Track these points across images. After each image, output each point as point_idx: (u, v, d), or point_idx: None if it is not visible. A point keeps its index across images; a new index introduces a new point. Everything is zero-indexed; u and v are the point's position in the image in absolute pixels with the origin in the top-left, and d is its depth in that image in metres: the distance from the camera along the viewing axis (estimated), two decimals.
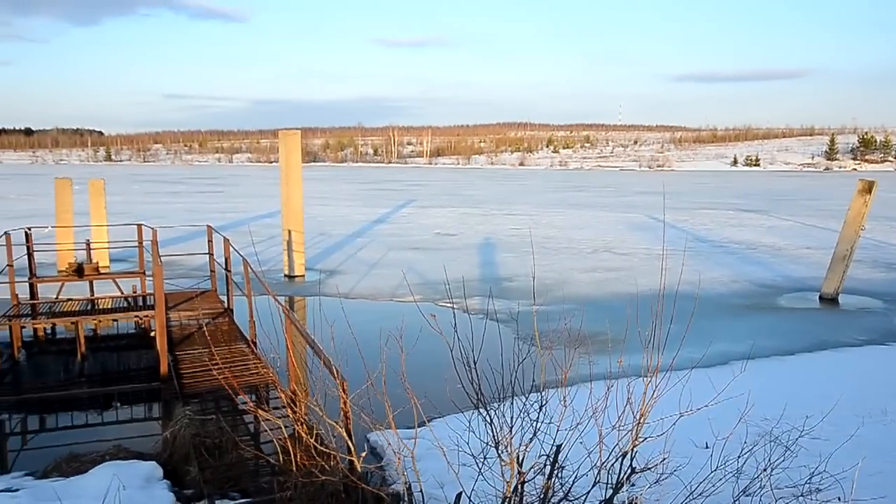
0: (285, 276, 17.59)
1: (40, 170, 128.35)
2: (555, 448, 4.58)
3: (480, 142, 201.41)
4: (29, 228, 13.12)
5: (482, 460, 4.52)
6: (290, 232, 17.61)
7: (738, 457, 4.69)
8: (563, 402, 4.60)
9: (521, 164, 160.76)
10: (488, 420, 4.45)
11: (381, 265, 19.57)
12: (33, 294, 12.57)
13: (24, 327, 11.31)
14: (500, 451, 4.45)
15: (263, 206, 40.01)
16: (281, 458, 5.30)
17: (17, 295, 11.75)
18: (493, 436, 4.45)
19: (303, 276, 17.73)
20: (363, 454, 4.93)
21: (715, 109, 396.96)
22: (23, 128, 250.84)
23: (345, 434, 4.82)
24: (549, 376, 4.72)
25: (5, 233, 11.75)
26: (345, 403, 4.89)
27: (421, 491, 4.77)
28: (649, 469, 4.58)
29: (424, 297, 14.64)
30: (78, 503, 5.52)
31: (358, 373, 5.11)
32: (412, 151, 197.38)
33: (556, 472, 4.58)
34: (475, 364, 4.44)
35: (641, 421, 4.58)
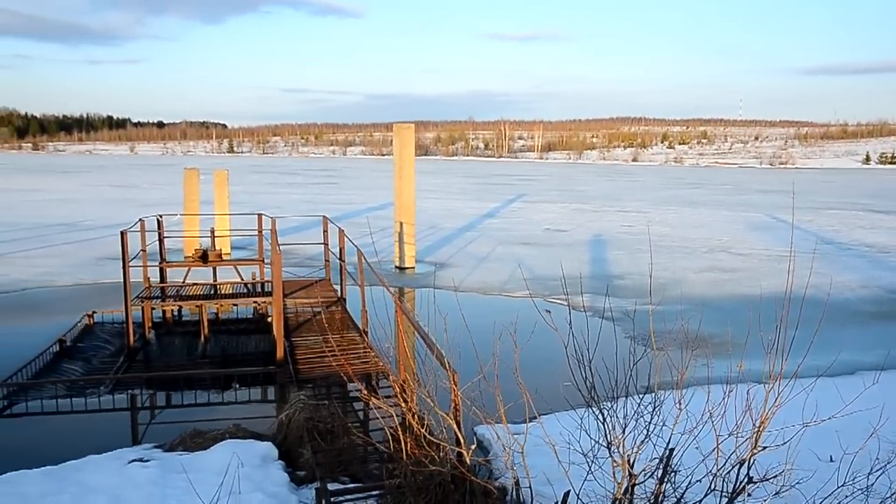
0: (396, 267, 17.89)
1: (170, 160, 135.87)
2: (668, 451, 4.46)
3: (592, 137, 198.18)
4: (160, 216, 13.90)
5: (592, 459, 4.45)
6: (401, 224, 17.89)
7: (868, 474, 4.42)
8: (677, 405, 4.47)
9: (635, 159, 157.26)
10: (601, 419, 4.38)
11: (490, 259, 19.61)
12: (163, 278, 13.32)
13: (154, 309, 12.01)
14: (611, 451, 4.38)
15: (375, 198, 40.85)
16: (391, 446, 5.40)
17: (148, 278, 12.48)
18: (605, 435, 4.38)
19: (413, 268, 17.98)
20: (472, 447, 4.96)
21: (845, 103, 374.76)
22: (155, 121, 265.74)
23: (455, 425, 4.85)
24: (664, 378, 4.60)
25: (140, 220, 12.49)
26: (455, 395, 4.93)
27: (529, 486, 4.75)
28: (768, 480, 4.38)
29: (533, 292, 14.56)
30: (201, 476, 5.81)
31: (467, 365, 5.14)
32: (523, 146, 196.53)
33: (668, 476, 4.46)
34: (590, 362, 4.37)
35: (761, 429, 4.38)
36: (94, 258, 18.79)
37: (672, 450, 4.44)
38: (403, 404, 5.41)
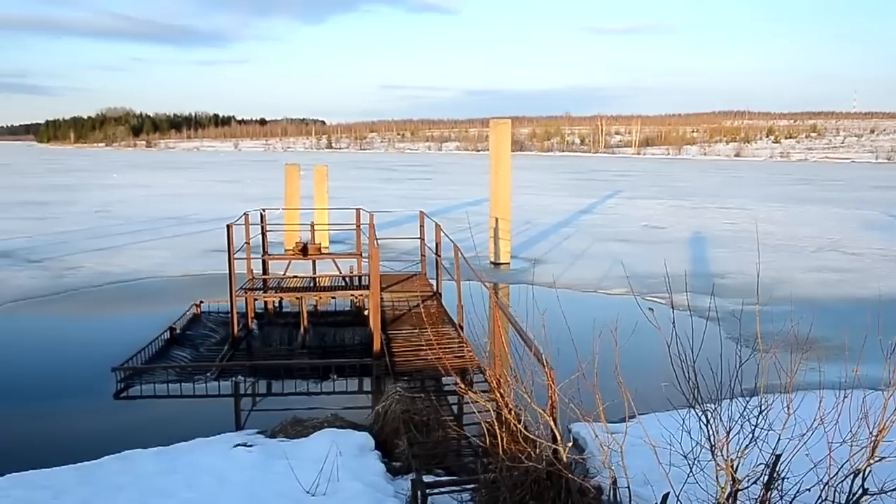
0: (491, 262, 17.89)
1: (271, 156, 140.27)
2: (775, 457, 4.28)
3: (693, 131, 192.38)
4: (263, 210, 14.38)
5: (693, 461, 4.33)
6: (497, 220, 17.88)
7: None
8: (786, 410, 4.28)
9: (737, 154, 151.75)
10: (704, 421, 4.25)
11: (586, 256, 19.35)
12: (265, 270, 13.77)
13: (256, 300, 12.43)
14: (714, 455, 4.24)
15: (470, 193, 40.95)
16: (486, 441, 5.40)
17: (252, 270, 12.93)
18: (709, 437, 4.24)
19: (508, 263, 17.95)
20: (569, 444, 4.91)
21: None
22: (258, 118, 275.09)
23: (551, 422, 4.82)
24: (771, 381, 4.42)
25: (244, 214, 12.95)
26: (552, 391, 4.89)
27: (628, 486, 4.66)
28: (886, 493, 4.15)
29: (630, 290, 14.28)
30: (301, 463, 5.98)
31: (562, 362, 5.09)
32: (620, 141, 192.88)
33: (775, 483, 4.28)
34: (694, 362, 4.24)
35: (879, 438, 4.15)
36: (202, 250, 19.61)
37: (779, 456, 4.26)
38: (500, 399, 5.41)
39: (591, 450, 5.87)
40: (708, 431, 4.26)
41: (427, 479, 5.67)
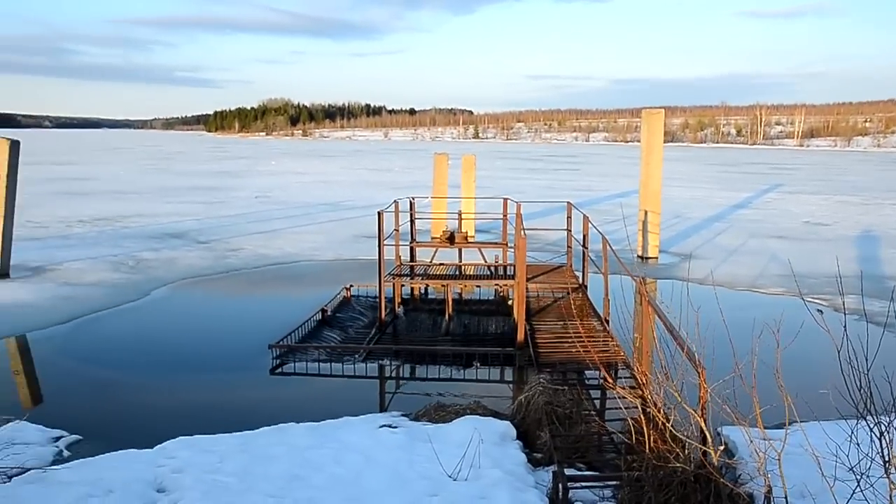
0: (638, 256, 17.42)
1: (419, 145, 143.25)
2: None
3: (865, 121, 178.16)
4: (412, 198, 14.69)
5: (861, 476, 4.01)
6: (646, 212, 17.37)
7: None
8: None
9: None
10: (877, 433, 3.93)
11: (740, 252, 18.43)
12: (412, 257, 14.09)
13: (404, 286, 12.74)
14: (888, 471, 3.91)
15: (618, 185, 40.05)
16: (632, 438, 5.27)
17: (399, 257, 13.26)
18: (881, 452, 3.92)
19: (656, 258, 17.41)
20: (720, 447, 4.69)
21: None
22: (407, 108, 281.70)
23: (702, 422, 4.62)
24: None
25: (394, 201, 13.29)
26: (703, 391, 4.69)
27: (785, 497, 4.39)
28: None
29: (790, 290, 13.48)
30: (445, 447, 6.08)
31: (713, 361, 4.87)
32: (780, 132, 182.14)
33: None
34: (868, 370, 3.92)
35: None
36: (352, 236, 20.34)
37: None
38: (649, 396, 5.25)
39: (743, 455, 5.58)
40: (881, 445, 3.93)
41: (568, 472, 5.61)
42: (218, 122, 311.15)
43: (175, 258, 16.74)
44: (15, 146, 14.05)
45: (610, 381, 5.83)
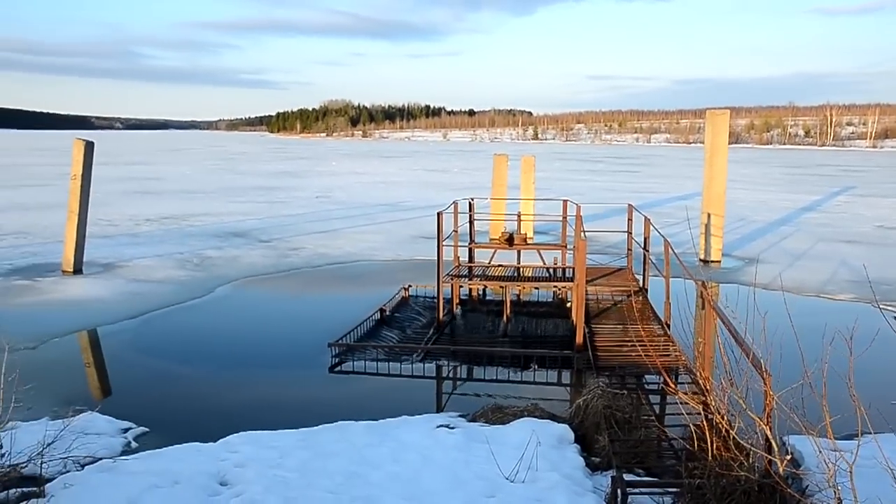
0: (700, 260, 17.08)
1: (478, 146, 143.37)
2: None
3: None
4: (472, 199, 14.71)
5: None
6: (709, 215, 17.03)
7: None
8: None
9: None
10: None
11: (807, 257, 17.90)
12: (471, 258, 14.10)
13: (462, 286, 12.75)
14: None
15: (680, 187, 39.35)
16: (694, 445, 5.17)
17: (458, 257, 13.29)
18: None
19: (719, 261, 17.05)
20: (787, 457, 4.57)
21: None
22: (466, 109, 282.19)
23: (767, 430, 4.50)
24: None
25: (454, 202, 13.33)
26: (769, 399, 4.57)
27: None
28: None
29: (860, 296, 13.05)
30: (501, 449, 6.07)
31: (779, 368, 4.74)
32: (852, 133, 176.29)
33: None
34: None
35: None
36: (410, 236, 20.47)
37: None
38: (712, 402, 5.14)
39: (810, 465, 5.42)
40: None
41: (627, 477, 5.54)
42: (280, 122, 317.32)
43: (238, 256, 17.12)
44: (90, 147, 14.57)
45: (672, 384, 5.72)
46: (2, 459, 5.42)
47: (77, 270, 14.59)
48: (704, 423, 5.04)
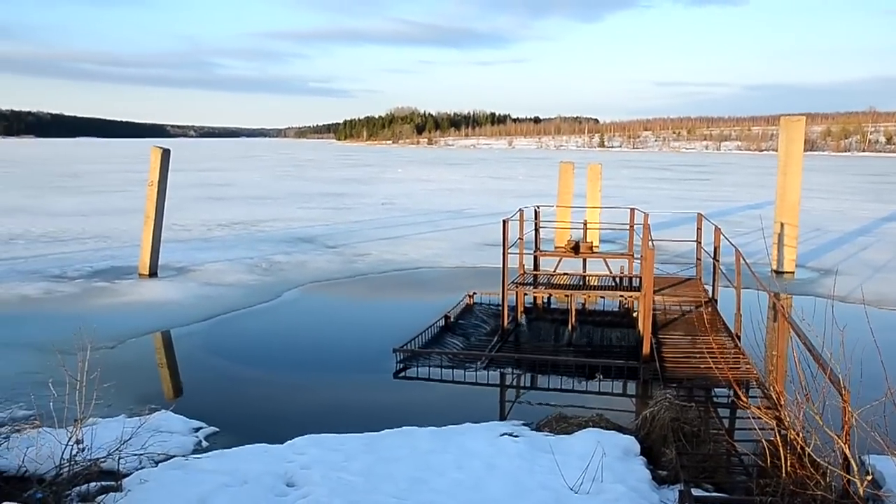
0: (772, 270, 16.59)
1: (543, 154, 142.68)
2: None
3: None
4: (537, 207, 14.64)
5: None
6: (782, 225, 16.55)
7: None
8: None
9: None
10: None
11: (888, 269, 17.20)
12: (536, 266, 14.02)
13: (526, 294, 12.70)
14: None
15: (751, 196, 38.35)
16: (767, 461, 5.02)
17: (523, 265, 13.22)
18: None
19: (792, 272, 16.53)
20: (868, 477, 4.40)
21: None
22: (532, 117, 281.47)
23: (846, 448, 4.34)
24: None
25: (519, 210, 13.29)
26: (848, 416, 4.41)
27: None
28: None
29: None
30: (566, 459, 6.01)
31: (860, 384, 4.57)
32: None
33: None
34: None
35: None
36: (475, 243, 20.48)
37: None
38: (787, 418, 4.99)
39: (892, 486, 5.21)
40: None
41: (695, 492, 5.42)
42: (347, 130, 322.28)
43: (305, 262, 17.42)
44: (166, 154, 15.08)
45: (743, 398, 5.58)
46: (83, 454, 5.63)
47: (153, 273, 15.09)
48: (777, 438, 4.89)
